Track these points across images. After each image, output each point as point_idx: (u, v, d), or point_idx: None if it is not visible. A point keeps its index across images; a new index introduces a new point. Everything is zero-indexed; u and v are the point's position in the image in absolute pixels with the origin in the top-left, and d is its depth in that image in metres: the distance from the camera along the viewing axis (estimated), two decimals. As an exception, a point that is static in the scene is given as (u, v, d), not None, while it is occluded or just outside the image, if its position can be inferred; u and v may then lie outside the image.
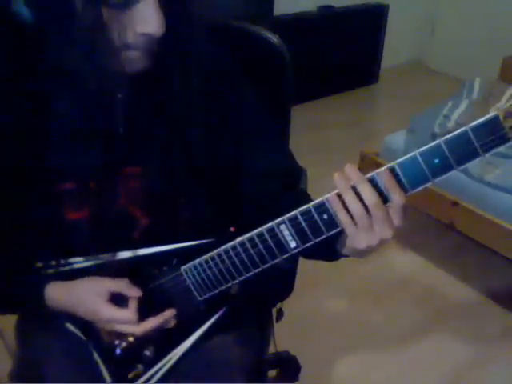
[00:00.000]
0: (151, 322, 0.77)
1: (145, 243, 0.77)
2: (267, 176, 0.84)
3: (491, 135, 0.54)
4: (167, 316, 0.78)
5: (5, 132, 0.70)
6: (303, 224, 0.64)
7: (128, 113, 0.71)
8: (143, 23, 0.62)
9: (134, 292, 0.77)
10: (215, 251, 0.72)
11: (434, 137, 1.90)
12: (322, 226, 0.64)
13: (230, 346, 0.87)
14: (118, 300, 0.77)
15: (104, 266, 0.77)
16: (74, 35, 0.61)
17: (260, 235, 0.67)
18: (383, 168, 0.59)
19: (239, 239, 0.69)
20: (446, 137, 0.56)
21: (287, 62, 0.98)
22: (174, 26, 0.66)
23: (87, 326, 0.80)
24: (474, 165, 0.56)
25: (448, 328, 1.81)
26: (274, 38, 0.97)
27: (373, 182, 0.60)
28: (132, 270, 0.78)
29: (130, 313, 0.76)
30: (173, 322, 0.80)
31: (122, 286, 0.77)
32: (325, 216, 0.63)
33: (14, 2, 0.61)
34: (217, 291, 0.76)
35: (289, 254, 0.68)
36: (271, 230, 0.66)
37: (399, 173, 0.59)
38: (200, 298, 0.78)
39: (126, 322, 0.76)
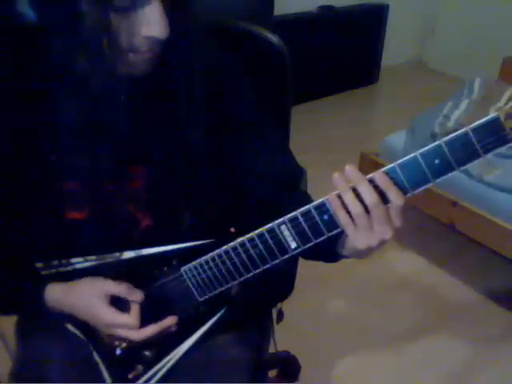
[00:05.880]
0: (152, 329, 0.77)
1: (145, 244, 0.77)
2: (267, 176, 0.84)
3: (492, 136, 0.54)
4: (168, 323, 0.78)
5: (8, 132, 0.71)
6: (304, 224, 0.64)
7: (131, 114, 0.71)
8: (148, 26, 0.63)
9: (135, 296, 0.77)
10: (215, 252, 0.72)
11: (433, 137, 1.90)
12: (322, 226, 0.64)
13: (230, 346, 0.87)
14: (120, 303, 0.77)
15: (105, 266, 0.77)
16: (79, 37, 0.61)
17: (260, 236, 0.67)
18: (382, 169, 0.60)
19: (239, 240, 0.69)
20: (446, 138, 0.56)
21: (287, 62, 0.98)
22: (178, 28, 0.66)
23: (87, 326, 0.80)
24: (474, 165, 0.56)
25: (448, 328, 1.81)
26: (274, 38, 0.97)
27: (373, 183, 0.60)
28: (132, 271, 0.78)
29: (131, 318, 0.76)
30: (173, 329, 0.80)
31: (122, 289, 0.76)
32: (325, 216, 0.63)
33: (18, 2, 0.61)
34: (217, 292, 0.76)
35: (289, 255, 0.68)
36: (272, 231, 0.66)
37: (400, 173, 0.59)
38: (200, 299, 0.78)
39: (127, 327, 0.76)
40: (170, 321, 0.78)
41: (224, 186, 0.81)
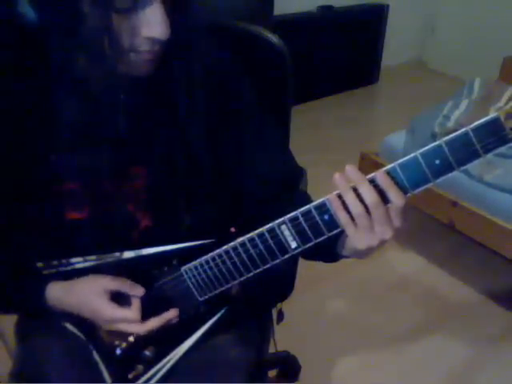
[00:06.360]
0: (154, 322, 0.77)
1: (145, 244, 0.77)
2: (267, 176, 0.84)
3: (492, 136, 0.54)
4: (171, 316, 0.78)
5: (9, 132, 0.71)
6: (304, 224, 0.64)
7: (131, 114, 0.71)
8: (149, 27, 0.63)
9: (135, 290, 0.77)
10: (216, 251, 0.72)
11: (434, 137, 1.90)
12: (322, 226, 0.64)
13: (230, 346, 0.87)
14: (120, 299, 0.77)
15: (104, 266, 0.77)
16: (80, 38, 0.61)
17: (261, 235, 0.67)
18: (383, 169, 0.60)
19: (240, 239, 0.69)
20: (446, 138, 0.56)
21: (287, 62, 0.98)
22: (178, 29, 0.66)
23: (87, 325, 0.80)
24: (474, 165, 0.56)
25: (448, 328, 1.81)
26: (274, 38, 0.96)
27: (373, 183, 0.60)
28: (132, 271, 0.78)
29: (132, 312, 0.76)
30: (175, 321, 0.80)
31: (122, 284, 0.77)
32: (325, 216, 0.63)
33: (19, 3, 0.61)
34: (217, 291, 0.76)
35: (289, 255, 0.68)
36: (272, 231, 0.66)
37: (400, 173, 0.59)
38: (200, 299, 0.78)
39: (129, 320, 0.76)
40: (171, 313, 0.78)
41: (224, 186, 0.81)
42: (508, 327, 1.82)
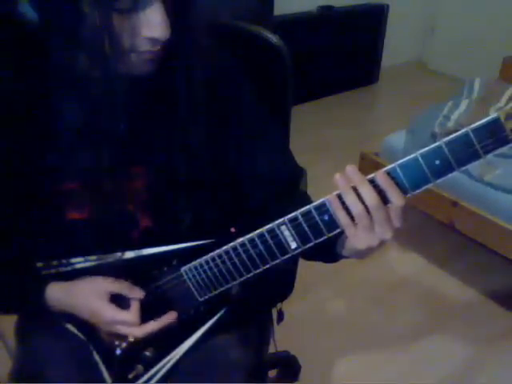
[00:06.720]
0: (153, 325, 0.77)
1: (145, 244, 0.77)
2: (267, 176, 0.84)
3: (492, 137, 0.54)
4: (169, 319, 0.78)
5: (9, 132, 0.71)
6: (304, 225, 0.64)
7: (132, 114, 0.71)
8: (150, 27, 0.63)
9: (135, 293, 0.77)
10: (216, 252, 0.72)
11: (434, 137, 1.90)
12: (322, 226, 0.64)
13: (230, 346, 0.87)
14: (120, 301, 0.77)
15: (105, 266, 0.77)
16: (80, 38, 0.61)
17: (260, 236, 0.67)
18: (383, 169, 0.60)
19: (240, 240, 0.69)
20: (447, 138, 0.56)
21: (287, 62, 0.98)
22: (179, 29, 0.66)
23: (87, 326, 0.80)
24: (474, 165, 0.56)
25: (448, 328, 1.81)
26: (274, 38, 0.96)
27: (373, 183, 0.60)
28: (132, 271, 0.78)
29: (131, 315, 0.76)
30: (174, 323, 0.80)
31: (122, 287, 0.77)
32: (325, 217, 0.63)
33: (20, 3, 0.61)
34: (217, 292, 0.76)
35: (289, 255, 0.68)
36: (272, 231, 0.66)
37: (400, 174, 0.59)
38: (200, 299, 0.78)
39: (128, 323, 0.76)
40: (170, 316, 0.78)
41: (224, 186, 0.81)
42: (508, 327, 1.82)
